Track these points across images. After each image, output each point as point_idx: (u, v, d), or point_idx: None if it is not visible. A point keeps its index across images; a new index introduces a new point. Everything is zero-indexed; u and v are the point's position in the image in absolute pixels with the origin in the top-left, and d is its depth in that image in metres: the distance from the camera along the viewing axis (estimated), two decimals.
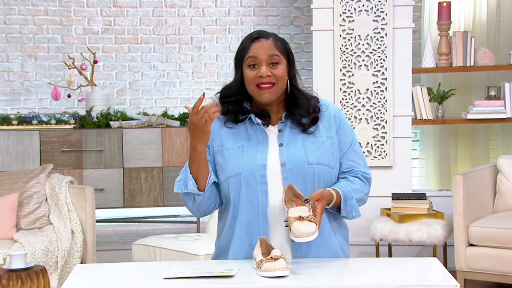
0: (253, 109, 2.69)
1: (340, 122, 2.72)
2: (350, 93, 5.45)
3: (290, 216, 2.44)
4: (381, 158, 5.45)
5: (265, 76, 2.61)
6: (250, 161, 2.61)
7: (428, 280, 2.48)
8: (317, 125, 2.68)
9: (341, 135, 2.71)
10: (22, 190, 4.94)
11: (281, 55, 2.64)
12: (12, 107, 6.38)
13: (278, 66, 2.63)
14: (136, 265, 2.79)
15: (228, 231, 2.67)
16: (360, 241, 5.40)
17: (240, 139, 2.66)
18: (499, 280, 4.78)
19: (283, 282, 2.34)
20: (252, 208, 2.60)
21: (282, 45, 2.67)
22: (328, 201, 2.56)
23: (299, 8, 6.52)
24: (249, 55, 2.64)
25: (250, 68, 2.64)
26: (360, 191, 2.69)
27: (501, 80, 5.77)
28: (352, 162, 2.72)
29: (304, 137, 2.65)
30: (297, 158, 2.61)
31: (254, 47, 2.64)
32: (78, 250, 4.78)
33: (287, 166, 2.60)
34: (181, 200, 2.71)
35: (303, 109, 2.67)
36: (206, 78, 6.55)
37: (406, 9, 5.42)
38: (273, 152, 2.63)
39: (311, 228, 2.40)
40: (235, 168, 2.62)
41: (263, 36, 2.66)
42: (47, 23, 6.40)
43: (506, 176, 5.12)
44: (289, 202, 2.53)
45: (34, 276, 3.90)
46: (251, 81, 2.64)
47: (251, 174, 2.60)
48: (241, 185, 2.61)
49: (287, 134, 2.66)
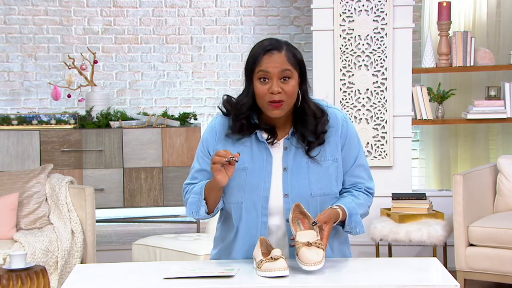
0: (261, 125, 2.62)
1: (346, 137, 2.66)
2: (350, 93, 5.45)
3: (298, 241, 2.42)
4: (381, 158, 5.45)
5: (276, 92, 2.52)
6: (252, 191, 2.58)
7: (428, 280, 2.48)
8: (324, 147, 2.62)
9: (346, 151, 2.66)
10: (22, 190, 4.94)
11: (293, 69, 2.55)
12: (12, 107, 6.38)
13: (289, 81, 2.54)
14: (136, 265, 2.79)
15: (228, 246, 2.68)
16: (360, 241, 5.40)
17: (244, 157, 2.60)
18: (499, 280, 4.78)
19: (283, 282, 2.34)
20: (251, 237, 2.59)
21: (295, 58, 2.57)
22: (335, 220, 2.55)
23: (299, 8, 6.52)
24: (260, 69, 2.54)
25: (261, 82, 2.54)
26: (363, 205, 2.67)
27: (501, 80, 5.77)
28: (356, 178, 2.69)
29: (309, 161, 2.60)
30: (301, 189, 2.58)
31: (265, 60, 2.54)
32: (78, 250, 4.78)
33: (290, 197, 2.58)
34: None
35: (309, 129, 2.60)
36: (206, 78, 6.55)
37: (406, 9, 5.42)
38: (276, 178, 2.60)
39: (319, 257, 2.38)
40: (237, 196, 2.60)
41: (275, 48, 2.55)
42: (47, 23, 6.40)
43: (506, 176, 5.12)
44: (295, 221, 2.51)
45: (34, 276, 3.90)
46: (261, 96, 2.55)
47: (253, 205, 2.58)
48: (242, 214, 2.60)
49: (292, 155, 2.61)
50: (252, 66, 2.57)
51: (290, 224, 2.49)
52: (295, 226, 2.49)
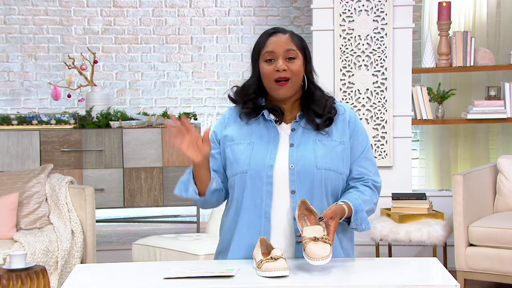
0: (267, 105, 2.67)
1: (355, 127, 2.70)
2: (350, 93, 5.45)
3: (304, 236, 2.43)
4: (381, 158, 5.45)
5: (281, 70, 2.59)
6: (258, 160, 2.60)
7: (428, 280, 2.48)
8: (331, 128, 2.65)
9: (355, 141, 2.69)
10: (22, 190, 4.94)
11: (298, 51, 2.63)
12: (12, 107, 6.38)
13: (294, 61, 2.61)
14: (136, 265, 2.79)
15: (230, 227, 2.67)
16: (360, 241, 5.39)
17: (252, 135, 2.65)
18: (499, 280, 4.78)
19: (283, 282, 2.34)
20: (255, 207, 2.60)
21: (299, 41, 2.66)
22: (340, 216, 2.55)
23: (299, 8, 6.52)
24: (266, 50, 2.63)
25: (267, 62, 2.62)
26: (370, 202, 2.67)
27: (501, 80, 5.77)
28: (363, 169, 2.70)
29: (316, 140, 2.63)
30: (306, 161, 2.59)
31: (271, 41, 2.63)
32: (78, 250, 4.78)
33: (295, 169, 2.59)
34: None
35: (319, 106, 2.65)
36: (206, 78, 6.55)
37: (406, 9, 5.42)
38: (282, 152, 2.62)
39: (326, 251, 2.38)
40: (243, 165, 2.61)
41: (280, 31, 2.66)
42: (47, 23, 6.40)
43: (506, 176, 5.12)
44: (301, 217, 2.52)
45: (34, 276, 3.90)
46: (268, 76, 2.62)
47: (258, 173, 2.59)
48: (247, 183, 2.60)
49: (300, 134, 2.64)
50: (258, 48, 2.65)
51: (297, 220, 2.50)
52: (301, 222, 2.50)
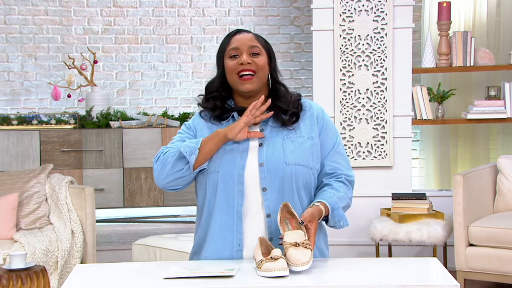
0: (236, 107, 2.71)
1: (324, 123, 2.73)
2: (350, 93, 5.45)
3: (285, 241, 2.45)
4: (381, 158, 5.45)
5: (245, 63, 2.64)
6: (229, 161, 2.63)
7: (428, 280, 2.48)
8: (298, 124, 2.69)
9: (324, 136, 2.72)
10: (22, 190, 4.94)
11: (262, 49, 2.70)
12: (12, 107, 6.38)
13: (259, 56, 2.67)
14: (136, 265, 2.79)
15: (203, 228, 2.69)
16: (360, 241, 5.40)
17: None
18: (499, 280, 4.78)
19: (283, 282, 2.34)
20: (228, 207, 2.62)
21: (264, 41, 2.74)
22: (318, 217, 2.58)
23: (299, 8, 6.52)
24: (231, 47, 2.68)
25: (232, 58, 2.67)
26: (344, 197, 2.69)
27: (501, 80, 5.77)
28: (335, 164, 2.72)
29: (285, 137, 2.67)
30: (275, 158, 2.62)
31: (235, 39, 2.70)
32: (78, 250, 4.78)
33: (265, 166, 2.62)
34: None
35: (283, 102, 2.69)
36: (206, 78, 6.54)
37: (406, 9, 5.42)
38: (252, 151, 2.65)
39: (306, 257, 2.40)
40: (215, 166, 2.63)
41: (244, 30, 2.75)
42: (47, 23, 6.40)
43: (506, 176, 5.12)
44: (283, 220, 2.54)
45: (34, 276, 3.90)
46: (232, 70, 2.66)
47: (229, 173, 2.61)
48: (218, 183, 2.62)
49: (268, 133, 2.68)
50: (223, 48, 2.70)
51: (278, 224, 2.52)
52: (283, 226, 2.52)
